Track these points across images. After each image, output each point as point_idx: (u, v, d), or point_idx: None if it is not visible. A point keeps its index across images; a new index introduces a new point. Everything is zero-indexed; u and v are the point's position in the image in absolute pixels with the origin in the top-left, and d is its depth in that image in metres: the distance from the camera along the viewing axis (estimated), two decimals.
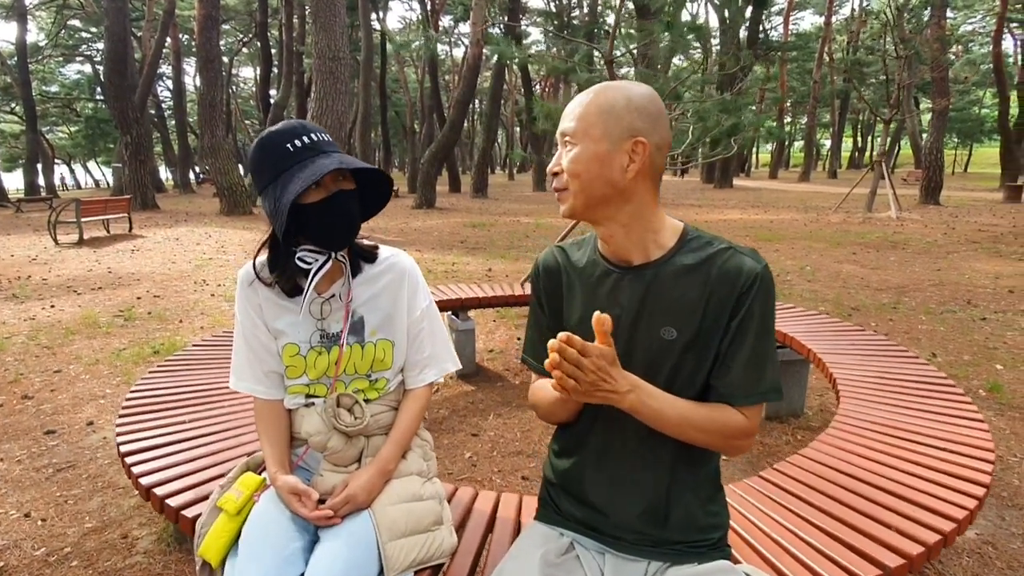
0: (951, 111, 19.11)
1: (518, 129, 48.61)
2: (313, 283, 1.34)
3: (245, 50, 40.05)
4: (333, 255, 1.37)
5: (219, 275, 7.68)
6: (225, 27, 31.60)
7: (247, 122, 46.63)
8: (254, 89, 43.66)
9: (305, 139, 1.27)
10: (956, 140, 40.55)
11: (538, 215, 15.66)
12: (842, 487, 1.67)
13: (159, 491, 1.61)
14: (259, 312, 1.41)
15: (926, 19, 19.79)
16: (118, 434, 1.91)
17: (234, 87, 43.40)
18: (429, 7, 28.75)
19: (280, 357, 1.42)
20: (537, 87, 36.05)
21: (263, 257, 1.41)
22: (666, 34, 6.64)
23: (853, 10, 34.58)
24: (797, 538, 1.46)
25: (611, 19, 32.39)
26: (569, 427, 1.25)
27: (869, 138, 50.93)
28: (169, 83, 35.16)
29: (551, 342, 0.95)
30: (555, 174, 1.11)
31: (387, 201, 1.43)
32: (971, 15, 33.79)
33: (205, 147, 16.07)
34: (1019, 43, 25.17)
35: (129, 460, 1.75)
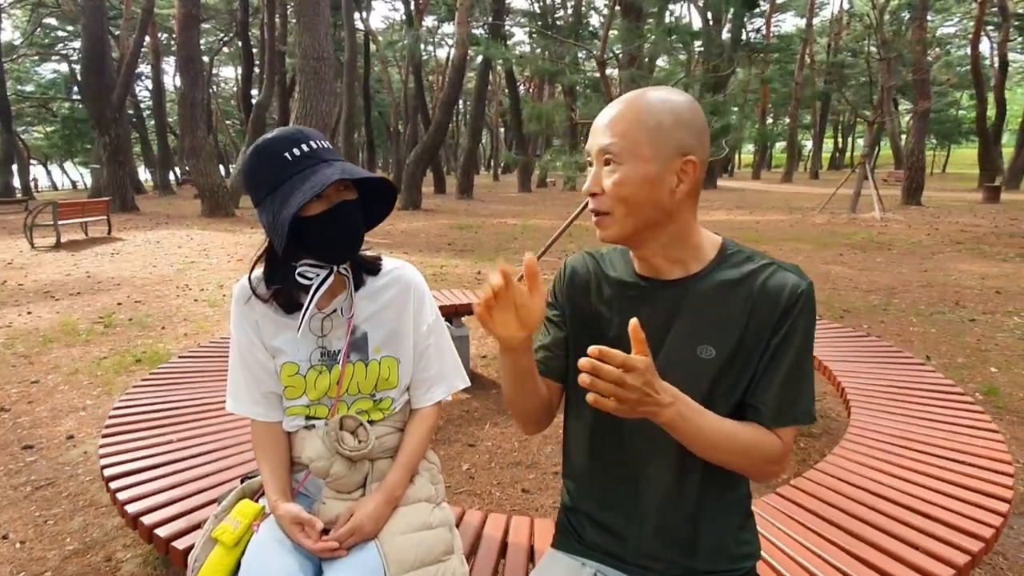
0: (930, 112, 19.36)
1: (503, 130, 48.57)
2: (315, 299, 1.26)
3: (226, 49, 39.53)
4: (335, 269, 1.29)
5: (202, 279, 7.51)
6: (205, 26, 31.12)
7: (228, 123, 46.11)
8: (235, 89, 43.13)
9: (304, 147, 1.19)
10: (935, 141, 41.16)
11: (525, 217, 15.59)
12: (863, 504, 1.62)
13: (147, 519, 1.51)
14: (256, 329, 1.32)
15: (906, 21, 20.05)
16: (101, 456, 1.81)
17: (215, 87, 42.88)
18: (413, 7, 28.56)
19: (278, 377, 1.33)
20: (522, 88, 35.99)
21: (259, 271, 1.32)
22: (652, 36, 6.62)
23: (833, 13, 34.98)
24: (823, 562, 1.40)
25: (595, 20, 32.51)
26: (588, 449, 1.18)
27: (850, 139, 51.58)
28: (148, 83, 34.60)
29: (582, 360, 0.85)
30: (593, 195, 1.02)
31: (391, 210, 1.35)
32: (949, 18, 34.35)
33: (186, 148, 15.81)
34: (995, 46, 25.57)
35: (114, 484, 1.64)
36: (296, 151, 1.18)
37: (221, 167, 18.66)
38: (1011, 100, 28.59)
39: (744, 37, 29.34)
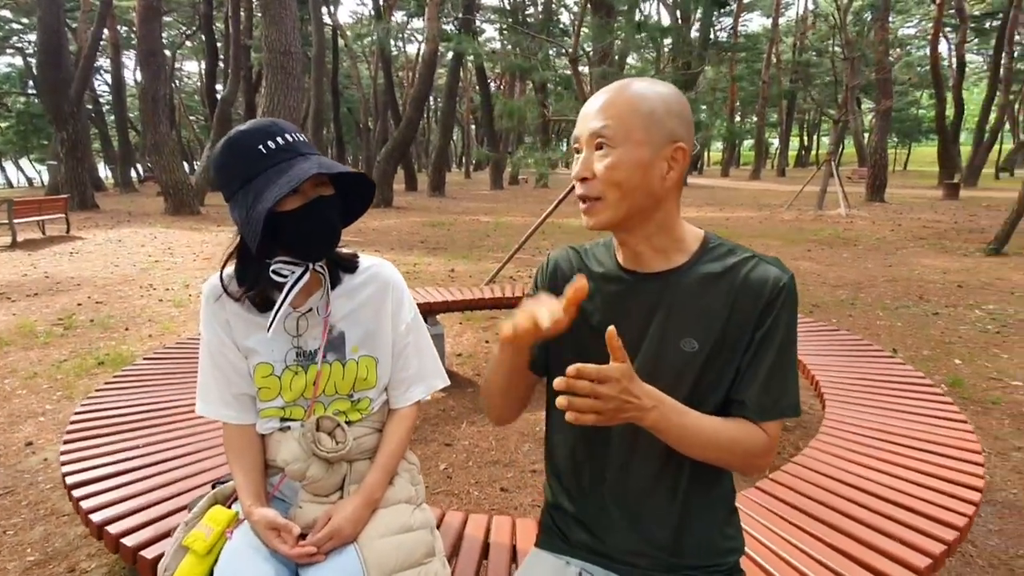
0: (892, 111, 19.86)
1: (474, 127, 48.41)
2: (289, 298, 1.21)
3: (189, 43, 38.56)
4: (311, 266, 1.25)
5: (167, 279, 7.32)
6: (167, 19, 30.32)
7: (192, 118, 45.02)
8: (199, 84, 42.13)
9: (280, 140, 1.15)
10: (896, 139, 42.26)
11: (497, 214, 15.56)
12: (841, 496, 1.63)
13: (113, 528, 1.45)
14: (227, 329, 1.27)
15: (869, 22, 20.53)
16: (63, 462, 1.73)
17: (178, 81, 41.81)
18: (382, 1, 28.23)
19: (251, 378, 1.28)
20: (493, 84, 35.92)
21: (230, 269, 1.27)
22: (622, 33, 6.64)
23: (798, 13, 35.64)
24: (804, 554, 1.41)
25: (565, 17, 32.57)
26: (572, 447, 1.16)
27: (815, 137, 52.66)
28: (107, 77, 33.54)
29: (557, 380, 0.84)
30: (584, 180, 1.01)
31: (368, 206, 1.32)
32: (909, 19, 35.28)
33: (148, 144, 15.39)
34: (953, 47, 26.38)
35: (77, 492, 1.57)
36: (271, 144, 1.13)
37: (185, 163, 18.15)
38: (968, 100, 29.49)
39: (712, 36, 29.70)
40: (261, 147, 1.13)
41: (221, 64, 25.27)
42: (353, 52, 37.05)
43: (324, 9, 24.56)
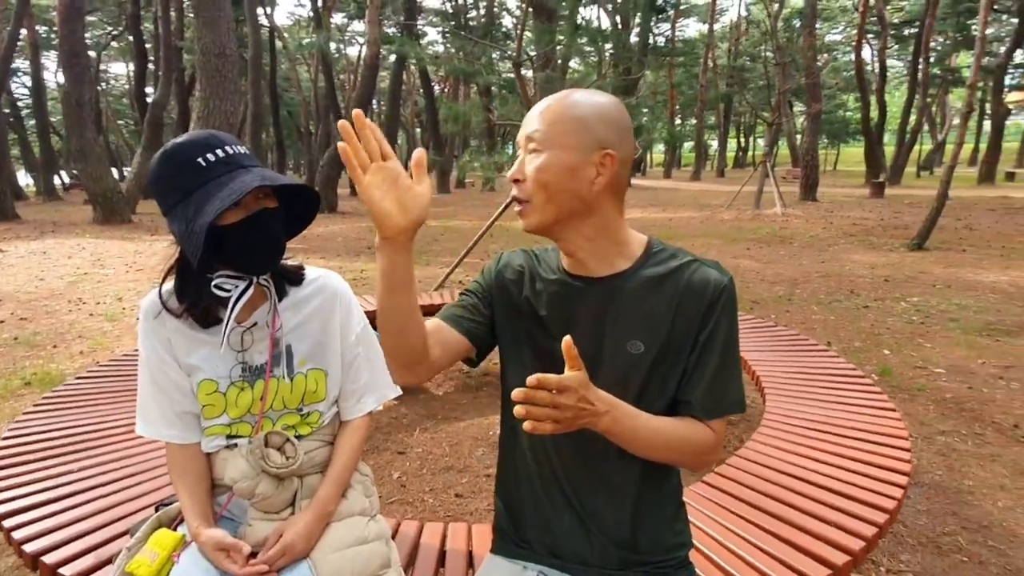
0: (822, 114, 20.78)
1: (419, 130, 48.02)
2: (234, 313, 1.19)
3: (115, 44, 36.83)
4: (255, 280, 1.22)
5: (97, 292, 6.98)
6: (91, 18, 28.93)
7: (120, 123, 43.03)
8: (127, 87, 40.32)
9: (219, 152, 1.12)
10: (826, 141, 44.24)
11: (445, 218, 15.50)
12: (782, 487, 1.71)
13: (49, 558, 1.38)
14: (167, 347, 1.24)
15: (798, 29, 21.44)
16: None
17: (104, 84, 39.84)
18: (320, 3, 27.68)
19: (195, 396, 1.25)
20: (437, 88, 35.73)
21: (169, 284, 1.23)
22: (562, 37, 6.73)
23: (732, 19, 36.90)
24: (749, 544, 1.47)
25: (507, 21, 32.72)
26: (526, 452, 1.18)
27: (751, 139, 54.58)
28: (26, 79, 31.71)
29: (516, 392, 0.83)
30: (516, 181, 1.03)
31: (313, 218, 1.30)
32: (835, 26, 37.03)
33: (73, 150, 14.59)
34: (876, 53, 27.83)
35: (8, 523, 1.49)
36: (210, 156, 1.11)
37: (114, 170, 17.33)
38: (891, 103, 31.17)
39: (651, 41, 30.41)
40: (200, 160, 1.11)
41: (151, 66, 24.27)
42: (292, 54, 36.21)
43: (260, 10, 23.93)
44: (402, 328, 0.97)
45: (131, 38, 24.88)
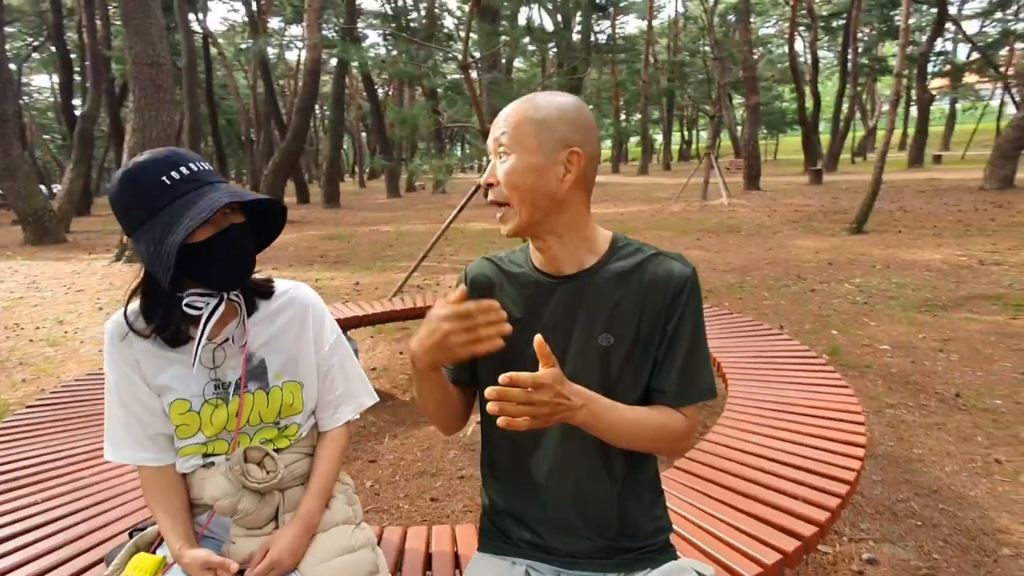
0: (760, 106, 21.46)
1: (364, 135, 47.42)
2: (207, 331, 1.17)
3: (37, 55, 35.10)
4: (225, 296, 1.21)
5: (35, 316, 6.66)
6: (10, 29, 27.48)
7: (46, 137, 41.01)
8: (52, 100, 38.50)
9: (183, 170, 1.10)
10: (766, 131, 45.69)
11: (397, 222, 15.35)
12: (750, 466, 1.78)
13: None
14: (136, 369, 1.21)
15: (733, 24, 22.08)
16: None
17: (27, 98, 37.93)
18: (255, 8, 26.98)
19: (167, 416, 1.23)
20: (381, 91, 35.32)
21: (134, 305, 1.21)
22: (506, 38, 6.77)
23: (670, 16, 37.71)
24: (723, 524, 1.53)
25: (449, 22, 32.61)
26: (508, 449, 1.20)
27: (694, 132, 55.92)
28: None
29: (489, 390, 0.87)
30: (490, 185, 1.07)
31: (280, 231, 1.29)
32: (767, 20, 38.28)
33: None
34: (808, 45, 28.91)
35: None
36: (175, 174, 1.09)
37: (43, 187, 16.50)
38: (824, 92, 32.42)
39: (593, 39, 30.82)
40: (164, 178, 1.09)
41: (78, 77, 23.23)
42: (228, 61, 35.21)
43: (192, 16, 23.19)
44: (451, 412, 1.20)
45: (54, 49, 23.73)
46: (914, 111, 29.40)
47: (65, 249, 12.84)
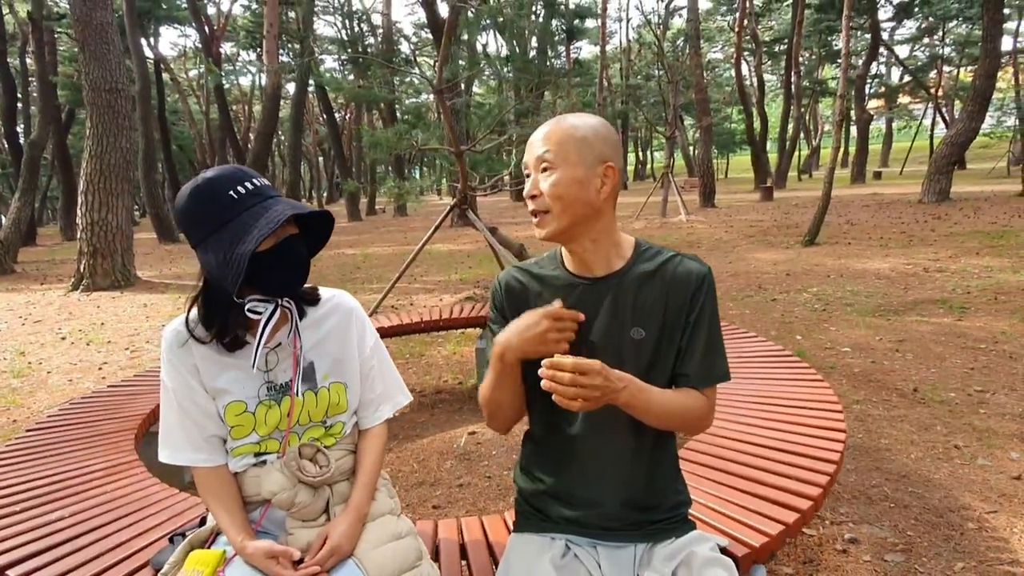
0: (712, 126, 22.29)
1: (320, 159, 47.11)
2: (267, 332, 1.26)
3: None
4: (280, 302, 1.31)
5: None
6: None
7: None
8: None
9: (248, 184, 1.21)
10: (717, 151, 47.29)
11: (362, 245, 15.32)
12: (744, 452, 1.93)
13: None
14: (194, 374, 1.29)
15: (686, 49, 22.96)
16: None
17: None
18: (208, 33, 26.69)
19: (221, 419, 1.31)
20: (338, 115, 35.23)
21: (194, 313, 1.29)
22: (463, 63, 6.97)
23: (621, 42, 38.86)
24: (726, 501, 1.67)
25: (404, 46, 32.87)
26: (547, 434, 1.32)
27: (648, 152, 57.39)
28: None
29: (542, 371, 1.05)
30: (533, 197, 1.20)
31: (327, 241, 1.39)
32: (714, 45, 39.89)
33: None
34: (753, 68, 30.21)
35: (13, 572, 1.45)
36: (240, 189, 1.19)
37: None
38: (771, 113, 33.85)
39: (548, 63, 31.50)
40: (232, 192, 1.18)
41: (20, 104, 22.52)
42: (181, 86, 34.66)
43: (143, 41, 22.84)
44: (517, 409, 1.32)
45: None
46: (854, 131, 30.96)
47: (14, 280, 12.38)
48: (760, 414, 2.21)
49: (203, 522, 1.48)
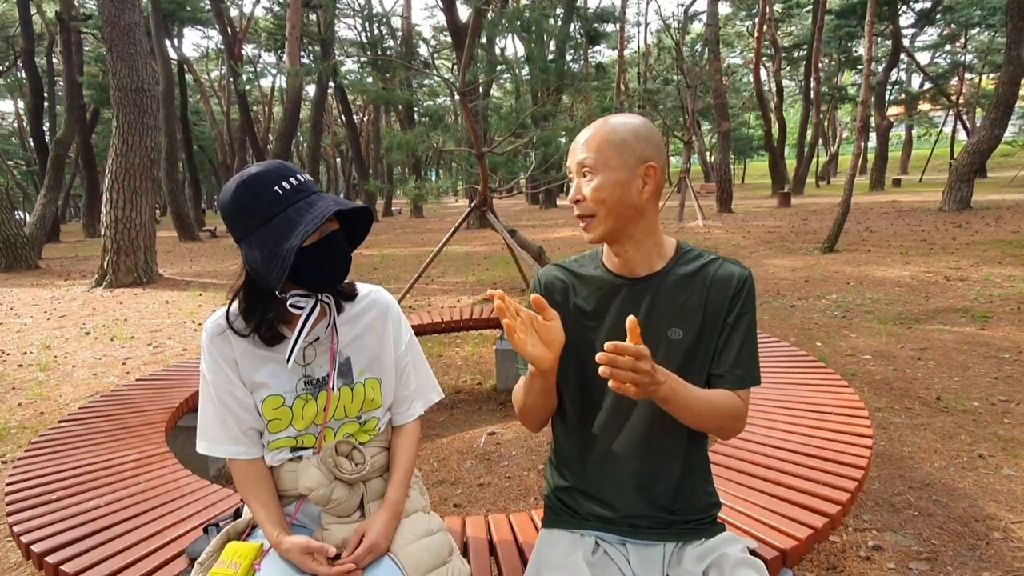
0: (731, 132, 22.18)
1: (339, 160, 47.45)
2: (307, 327, 1.29)
3: (1, 80, 34.54)
4: (319, 297, 1.33)
5: (20, 342, 6.57)
6: None
7: (10, 163, 40.15)
8: (16, 124, 37.81)
9: (292, 180, 1.23)
10: (734, 156, 47.04)
11: (379, 246, 15.42)
12: (773, 457, 1.93)
13: None
14: (234, 367, 1.32)
15: (705, 54, 22.88)
16: (19, 534, 1.61)
17: None
18: (231, 35, 27.05)
19: (259, 412, 1.33)
20: (356, 117, 35.49)
21: (235, 307, 1.32)
22: (480, 66, 7.00)
23: (640, 46, 38.77)
24: (755, 505, 1.67)
25: (423, 50, 33.06)
26: (578, 432, 1.33)
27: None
28: None
29: (600, 355, 1.01)
30: (577, 202, 1.22)
31: (366, 236, 1.42)
32: (733, 51, 39.69)
33: None
34: (772, 74, 30.03)
35: (52, 559, 1.49)
36: (286, 184, 1.21)
37: (17, 213, 16.13)
38: (789, 119, 33.65)
39: (566, 67, 31.53)
40: (276, 188, 1.21)
41: (46, 103, 22.93)
42: (203, 87, 35.11)
43: (168, 43, 23.19)
44: (548, 410, 1.33)
45: (23, 75, 23.44)
46: (873, 137, 30.68)
47: (39, 275, 12.60)
48: (787, 419, 2.20)
49: (238, 514, 1.51)
